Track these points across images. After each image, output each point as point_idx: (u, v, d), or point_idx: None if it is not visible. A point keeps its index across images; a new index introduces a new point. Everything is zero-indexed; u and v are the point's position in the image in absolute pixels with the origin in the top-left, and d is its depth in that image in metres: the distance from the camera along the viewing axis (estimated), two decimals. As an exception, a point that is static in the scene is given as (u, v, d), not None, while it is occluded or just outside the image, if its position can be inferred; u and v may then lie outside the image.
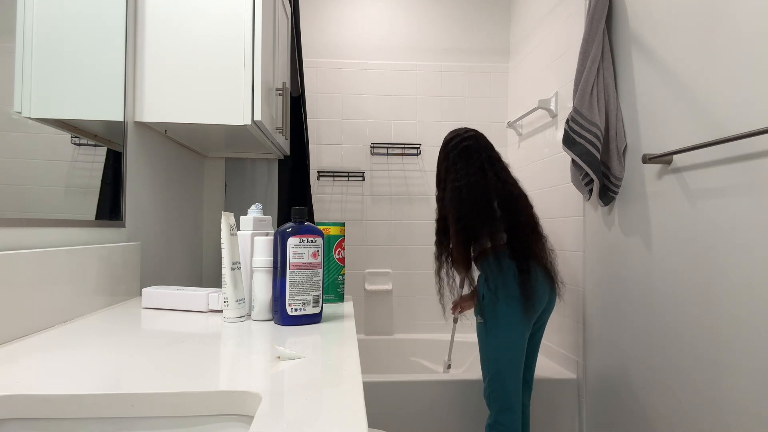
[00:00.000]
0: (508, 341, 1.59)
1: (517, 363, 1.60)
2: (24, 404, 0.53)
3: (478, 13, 2.84)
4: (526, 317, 1.60)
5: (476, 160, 1.70)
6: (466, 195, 1.63)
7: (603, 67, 1.70)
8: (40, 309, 0.85)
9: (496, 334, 1.60)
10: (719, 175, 1.25)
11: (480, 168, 1.68)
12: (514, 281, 1.59)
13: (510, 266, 1.60)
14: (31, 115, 0.86)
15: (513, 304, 1.59)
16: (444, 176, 1.74)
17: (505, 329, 1.59)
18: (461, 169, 1.68)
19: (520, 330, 1.60)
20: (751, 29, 1.15)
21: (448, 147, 1.76)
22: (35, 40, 0.87)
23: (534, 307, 1.61)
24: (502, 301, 1.59)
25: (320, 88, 2.77)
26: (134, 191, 1.30)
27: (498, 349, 1.60)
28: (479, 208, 1.62)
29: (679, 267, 1.39)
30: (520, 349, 1.61)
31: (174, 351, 0.70)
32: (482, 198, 1.63)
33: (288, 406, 0.50)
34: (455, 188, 1.66)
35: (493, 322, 1.61)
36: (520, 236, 1.62)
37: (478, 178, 1.66)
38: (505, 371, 1.59)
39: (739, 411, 1.19)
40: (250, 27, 1.32)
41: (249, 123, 1.32)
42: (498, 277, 1.60)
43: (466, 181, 1.65)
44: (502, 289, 1.59)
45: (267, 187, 2.01)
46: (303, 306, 0.88)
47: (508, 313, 1.59)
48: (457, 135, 1.77)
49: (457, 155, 1.72)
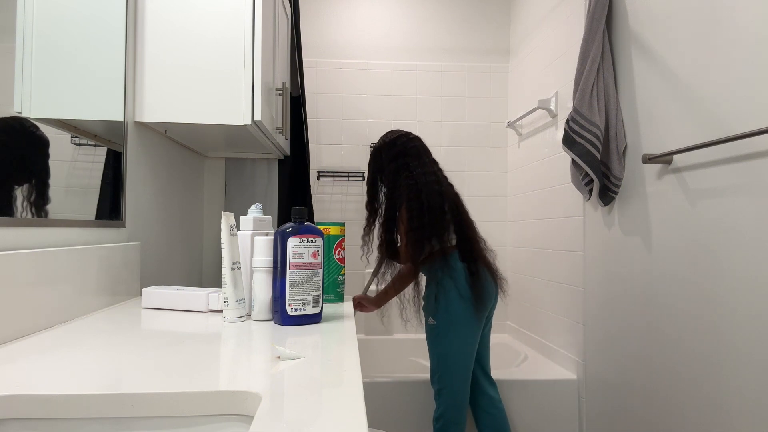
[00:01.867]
0: (462, 341, 1.64)
1: (469, 361, 1.66)
2: (24, 404, 0.53)
3: (478, 13, 2.84)
4: (479, 316, 1.66)
5: (427, 162, 1.75)
6: (425, 197, 1.66)
7: (603, 67, 1.70)
8: (40, 309, 0.85)
9: (450, 334, 1.64)
10: (719, 175, 1.25)
11: (432, 171, 1.73)
12: (465, 282, 1.64)
13: (461, 267, 1.65)
14: (31, 115, 0.86)
15: (466, 304, 1.63)
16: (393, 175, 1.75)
17: (460, 329, 1.64)
18: (415, 168, 1.72)
19: (473, 329, 1.65)
20: (751, 29, 1.15)
21: (396, 145, 1.78)
22: (35, 40, 0.87)
23: (485, 305, 1.66)
24: (456, 302, 1.63)
25: (320, 88, 2.77)
26: (134, 191, 1.30)
27: (452, 348, 1.64)
28: (435, 209, 1.66)
29: (679, 267, 1.39)
30: (473, 347, 1.66)
31: (174, 351, 0.70)
32: (437, 200, 1.67)
33: (288, 406, 0.50)
34: (411, 187, 1.68)
35: (446, 322, 1.65)
36: (468, 238, 1.68)
37: (432, 179, 1.70)
38: (456, 370, 1.65)
39: (739, 411, 1.19)
40: (250, 27, 1.32)
41: (249, 123, 1.32)
42: (450, 279, 1.64)
43: (423, 182, 1.69)
44: (455, 291, 1.63)
45: (267, 187, 2.01)
46: (303, 306, 0.88)
47: (461, 314, 1.64)
48: (401, 135, 1.81)
49: (407, 155, 1.75)
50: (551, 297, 2.22)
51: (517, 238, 2.66)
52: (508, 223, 2.80)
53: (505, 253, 2.82)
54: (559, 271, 2.14)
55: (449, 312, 1.64)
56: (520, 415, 1.98)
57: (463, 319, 1.64)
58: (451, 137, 2.82)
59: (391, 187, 1.75)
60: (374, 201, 1.82)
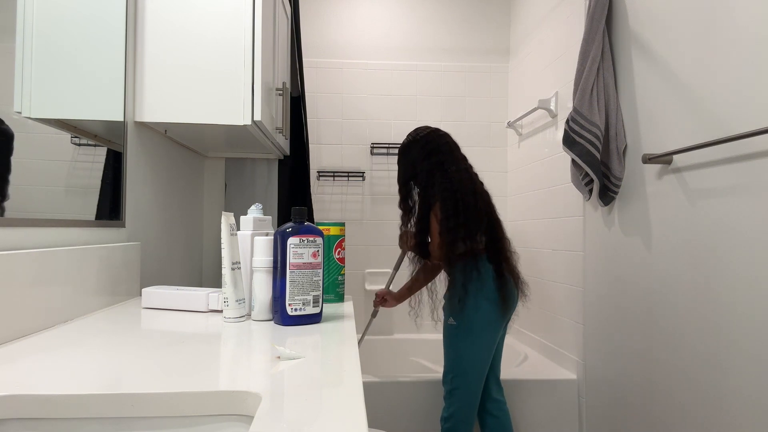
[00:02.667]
0: (481, 344, 1.62)
1: (486, 364, 1.64)
2: (24, 404, 0.53)
3: (478, 13, 2.84)
4: (503, 320, 1.64)
5: (460, 159, 1.72)
6: (461, 196, 1.63)
7: (603, 67, 1.70)
8: (40, 309, 0.85)
9: (470, 336, 1.62)
10: (719, 175, 1.25)
11: (465, 168, 1.70)
12: (493, 285, 1.61)
13: (488, 270, 1.62)
14: (31, 115, 0.86)
15: (492, 307, 1.61)
16: (427, 174, 1.71)
17: (481, 332, 1.62)
18: (450, 166, 1.68)
19: (493, 333, 1.63)
20: (751, 29, 1.15)
21: (429, 143, 1.74)
22: (35, 40, 0.87)
23: (510, 309, 1.65)
24: (483, 304, 1.61)
25: (320, 88, 2.77)
26: (134, 191, 1.30)
27: (470, 350, 1.62)
28: (470, 209, 1.64)
29: (679, 267, 1.39)
30: (490, 351, 1.64)
31: (174, 351, 0.70)
32: (472, 199, 1.65)
33: (288, 406, 0.50)
34: (446, 186, 1.65)
35: (468, 324, 1.62)
36: (498, 240, 1.66)
37: (466, 177, 1.67)
38: (472, 371, 1.63)
39: (739, 410, 1.19)
40: (250, 27, 1.32)
41: (249, 123, 1.32)
42: (477, 281, 1.62)
43: (458, 179, 1.65)
44: (482, 293, 1.61)
45: (267, 187, 2.01)
46: (303, 306, 0.88)
47: (485, 316, 1.62)
48: (432, 131, 1.77)
49: (441, 152, 1.71)
50: (551, 297, 2.22)
51: (516, 238, 2.66)
52: (508, 223, 2.80)
53: (505, 253, 2.82)
54: (559, 271, 2.13)
55: (474, 314, 1.61)
56: (520, 415, 1.98)
57: (486, 322, 1.61)
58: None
59: (425, 185, 1.71)
60: (407, 199, 1.79)
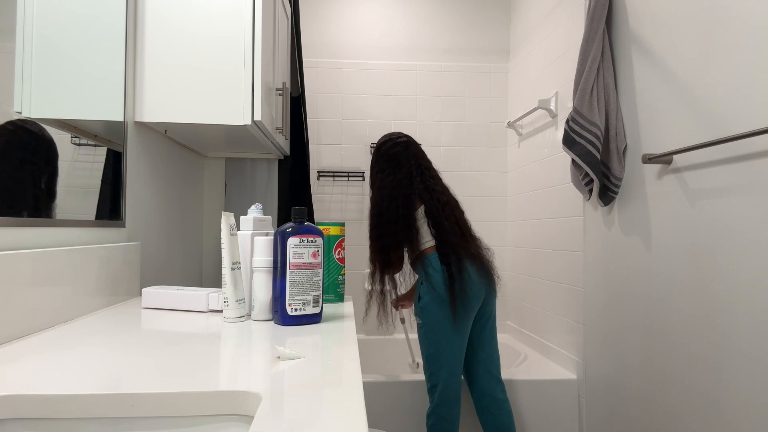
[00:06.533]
0: (446, 341, 1.66)
1: (457, 360, 1.68)
2: (24, 404, 0.53)
3: (477, 13, 2.84)
4: (465, 316, 1.66)
5: (405, 167, 1.76)
6: (388, 203, 1.69)
7: (603, 67, 1.70)
8: (40, 309, 0.85)
9: (434, 334, 1.67)
10: (719, 175, 1.25)
11: (407, 175, 1.74)
12: (443, 285, 1.64)
13: (439, 270, 1.65)
14: (31, 115, 0.86)
15: (442, 307, 1.64)
16: (372, 180, 1.81)
17: (443, 330, 1.66)
18: (388, 174, 1.74)
19: (452, 331, 1.66)
20: (751, 29, 1.15)
21: (380, 150, 1.82)
22: (35, 40, 0.87)
23: (466, 306, 1.66)
24: (432, 305, 1.65)
25: (320, 88, 2.77)
26: (134, 191, 1.30)
27: (437, 347, 1.67)
28: (398, 216, 1.68)
29: (679, 267, 1.39)
30: (459, 346, 1.67)
31: (174, 351, 0.70)
32: (404, 206, 1.69)
33: (288, 406, 0.50)
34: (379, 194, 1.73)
35: (429, 323, 1.67)
36: (447, 241, 1.68)
37: (404, 185, 1.72)
38: (443, 367, 1.67)
39: (739, 410, 1.19)
40: (250, 27, 1.32)
41: (249, 123, 1.32)
42: (427, 282, 1.67)
43: (390, 188, 1.71)
44: (431, 294, 1.65)
45: (267, 187, 2.01)
46: (303, 306, 0.88)
47: (438, 317, 1.65)
48: (389, 139, 1.82)
49: (387, 160, 1.78)
50: (551, 297, 2.22)
51: (516, 238, 2.66)
52: (508, 223, 2.80)
53: (505, 253, 2.82)
54: (559, 270, 2.14)
55: (427, 314, 1.67)
56: (520, 415, 1.98)
57: (440, 321, 1.65)
58: (451, 137, 2.82)
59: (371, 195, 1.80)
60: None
